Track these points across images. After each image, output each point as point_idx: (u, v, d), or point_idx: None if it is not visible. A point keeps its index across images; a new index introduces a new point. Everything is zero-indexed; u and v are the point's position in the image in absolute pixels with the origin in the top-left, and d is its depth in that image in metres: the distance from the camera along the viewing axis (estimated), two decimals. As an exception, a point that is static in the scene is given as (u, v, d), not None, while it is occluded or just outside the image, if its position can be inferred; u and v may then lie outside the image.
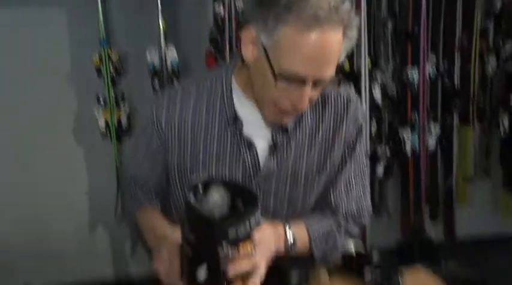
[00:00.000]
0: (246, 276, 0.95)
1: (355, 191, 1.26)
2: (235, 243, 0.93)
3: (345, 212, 1.25)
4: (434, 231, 2.99)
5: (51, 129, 2.58)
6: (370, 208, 1.31)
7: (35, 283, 2.67)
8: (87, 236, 2.82)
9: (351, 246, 1.23)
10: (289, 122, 1.19)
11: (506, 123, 2.83)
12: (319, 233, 1.20)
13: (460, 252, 2.84)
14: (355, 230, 1.29)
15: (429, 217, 2.96)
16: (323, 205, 1.27)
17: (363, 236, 1.31)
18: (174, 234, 1.05)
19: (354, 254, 1.21)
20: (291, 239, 1.15)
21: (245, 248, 0.94)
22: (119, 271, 2.89)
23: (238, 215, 0.94)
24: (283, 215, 1.24)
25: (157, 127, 1.22)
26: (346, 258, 1.22)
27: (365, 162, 1.30)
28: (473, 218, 3.13)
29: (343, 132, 1.24)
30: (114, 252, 2.88)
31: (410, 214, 2.87)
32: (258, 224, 0.95)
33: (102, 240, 2.85)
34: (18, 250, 2.65)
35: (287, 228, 1.15)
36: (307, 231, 1.20)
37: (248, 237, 0.94)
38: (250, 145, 1.19)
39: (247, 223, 0.92)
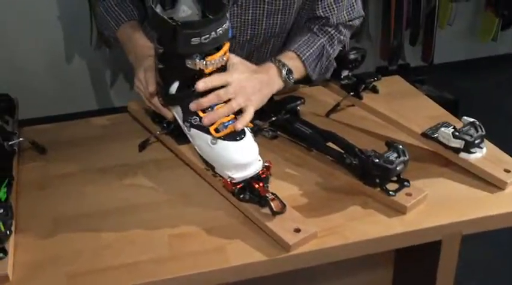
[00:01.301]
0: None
1: (345, 1, 1.21)
2: (203, 54, 0.92)
3: (336, 22, 1.22)
4: (413, 57, 3.02)
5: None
6: (362, 12, 1.26)
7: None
8: (64, 69, 2.78)
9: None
10: None
11: None
12: (312, 57, 1.16)
13: (436, 77, 2.91)
14: (348, 34, 1.25)
15: (409, 42, 2.97)
16: (311, 19, 1.22)
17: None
18: (152, 52, 1.02)
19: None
20: (286, 77, 1.09)
21: (214, 61, 0.93)
22: (101, 102, 2.92)
23: (202, 21, 0.92)
24: (262, 28, 1.21)
25: None
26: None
27: None
28: (451, 44, 3.16)
29: None
30: (94, 83, 2.88)
31: (391, 39, 2.87)
32: (225, 36, 0.92)
33: (80, 72, 2.83)
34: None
35: (281, 68, 1.09)
36: (300, 60, 1.15)
37: (216, 50, 0.93)
38: None
39: (213, 32, 0.89)
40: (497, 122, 1.88)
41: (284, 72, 1.08)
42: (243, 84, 1.00)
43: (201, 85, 0.95)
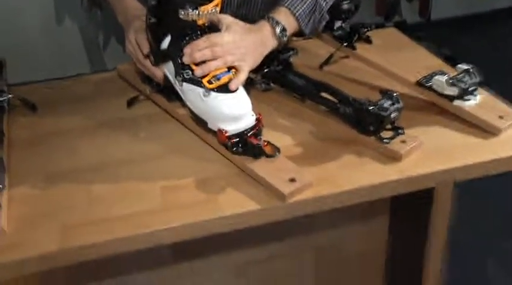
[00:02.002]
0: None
1: None
2: (196, 4, 0.91)
3: None
4: (409, 13, 2.98)
5: None
6: None
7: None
8: (56, 32, 2.74)
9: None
10: None
11: None
12: (305, 13, 1.12)
13: (434, 33, 2.86)
14: None
15: (405, -2, 2.93)
16: None
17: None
18: (141, 13, 1.02)
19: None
20: (280, 35, 1.06)
21: (207, 11, 0.92)
22: (93, 65, 2.88)
23: None
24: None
25: None
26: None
27: None
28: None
29: None
30: (86, 46, 2.84)
31: (387, -6, 2.83)
32: None
33: (72, 35, 2.78)
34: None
35: (274, 26, 1.06)
36: (293, 16, 1.10)
37: (209, 2, 0.92)
38: None
39: None
40: (495, 76, 1.85)
41: (278, 30, 1.06)
42: (237, 44, 0.99)
43: (187, 50, 0.95)
